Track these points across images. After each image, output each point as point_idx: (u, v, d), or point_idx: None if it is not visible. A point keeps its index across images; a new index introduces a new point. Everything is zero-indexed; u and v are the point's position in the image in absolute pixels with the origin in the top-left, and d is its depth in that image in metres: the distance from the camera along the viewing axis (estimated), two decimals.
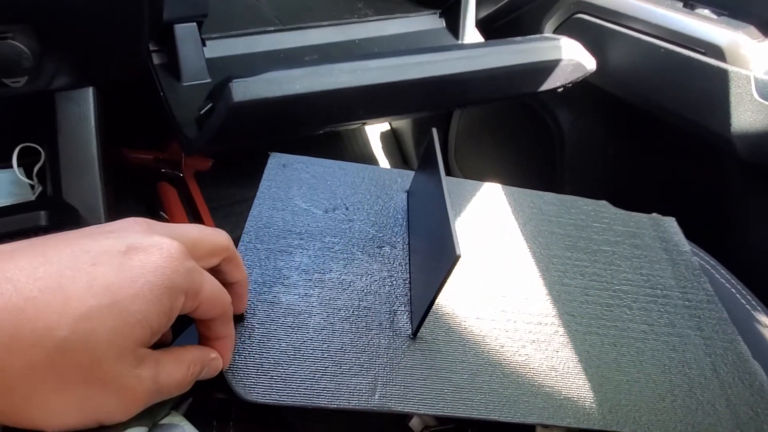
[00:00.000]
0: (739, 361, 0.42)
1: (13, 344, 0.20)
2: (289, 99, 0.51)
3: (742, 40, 0.61)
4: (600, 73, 0.71)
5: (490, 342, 0.38)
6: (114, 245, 0.23)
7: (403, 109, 0.67)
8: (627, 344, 0.40)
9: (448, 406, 0.33)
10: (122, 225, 0.25)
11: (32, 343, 0.20)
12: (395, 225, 0.44)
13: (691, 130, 0.68)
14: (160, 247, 0.23)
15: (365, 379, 0.33)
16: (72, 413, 0.22)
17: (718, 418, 0.37)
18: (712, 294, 0.47)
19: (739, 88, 0.61)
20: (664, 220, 0.53)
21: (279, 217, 0.41)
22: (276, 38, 0.69)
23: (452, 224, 0.31)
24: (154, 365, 0.24)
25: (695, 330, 0.43)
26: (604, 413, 0.35)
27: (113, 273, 0.22)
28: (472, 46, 0.67)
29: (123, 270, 0.22)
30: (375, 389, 0.33)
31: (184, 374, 0.26)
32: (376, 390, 0.33)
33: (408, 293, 0.39)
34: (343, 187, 0.45)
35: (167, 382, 0.25)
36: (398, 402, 0.32)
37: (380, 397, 0.32)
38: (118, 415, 0.23)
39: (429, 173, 0.40)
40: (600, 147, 0.85)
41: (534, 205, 0.50)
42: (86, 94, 0.60)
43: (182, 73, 0.60)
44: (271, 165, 0.45)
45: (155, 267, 0.23)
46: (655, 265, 0.48)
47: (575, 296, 0.43)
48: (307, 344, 0.34)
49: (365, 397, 0.32)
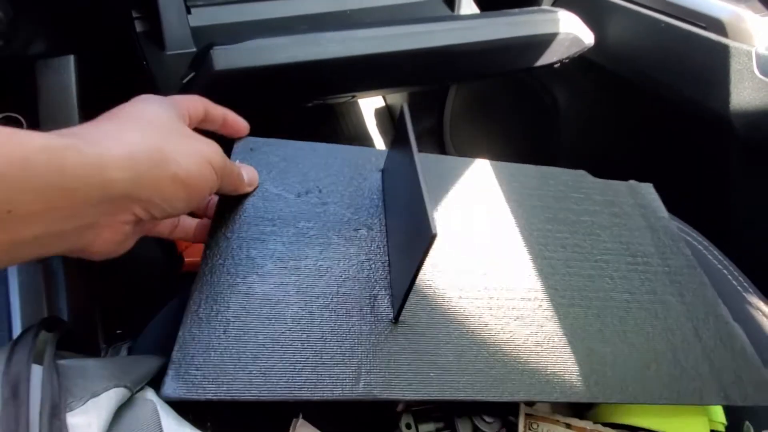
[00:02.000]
0: (720, 324, 0.42)
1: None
2: (274, 68, 0.49)
3: (744, 14, 0.59)
4: (598, 48, 0.69)
5: (473, 321, 0.37)
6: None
7: (394, 82, 0.66)
8: (610, 314, 0.40)
9: (435, 390, 0.32)
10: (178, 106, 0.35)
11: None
12: (371, 206, 0.42)
13: (689, 107, 0.66)
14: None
15: (348, 368, 0.32)
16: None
17: (702, 383, 0.37)
18: (692, 259, 0.47)
19: (739, 65, 0.59)
20: (641, 186, 0.53)
21: (249, 204, 0.40)
22: (265, 7, 0.67)
23: (426, 202, 0.30)
24: None
25: (676, 296, 0.43)
26: (590, 386, 0.35)
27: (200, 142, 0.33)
28: (466, 18, 0.65)
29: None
30: (359, 378, 0.32)
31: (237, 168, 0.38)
32: (360, 378, 0.32)
33: (388, 276, 0.38)
34: (315, 169, 0.44)
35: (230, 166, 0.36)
36: (383, 389, 0.32)
37: (365, 386, 0.32)
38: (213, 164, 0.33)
39: (402, 150, 0.38)
40: (597, 124, 0.83)
41: (514, 178, 0.49)
42: (67, 62, 0.58)
43: (166, 41, 0.58)
44: (237, 150, 0.43)
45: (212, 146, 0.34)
46: (634, 232, 0.47)
47: (557, 269, 0.42)
48: (285, 335, 0.33)
49: (349, 387, 0.31)
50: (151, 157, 0.28)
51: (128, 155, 0.27)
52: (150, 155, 0.28)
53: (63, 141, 0.24)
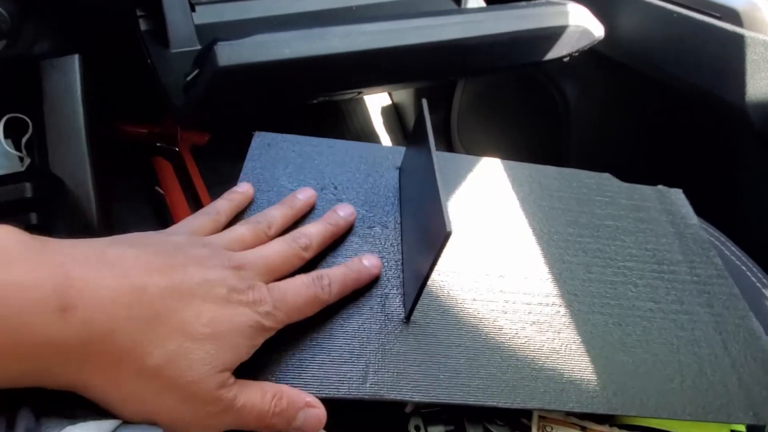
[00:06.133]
0: (751, 338, 0.40)
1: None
2: (279, 64, 0.49)
3: (760, 3, 0.58)
4: (608, 41, 0.68)
5: (487, 324, 0.36)
6: (219, 287, 0.27)
7: (400, 78, 0.65)
8: (632, 323, 0.38)
9: (444, 392, 0.31)
10: (217, 259, 0.29)
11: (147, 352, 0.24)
12: (386, 204, 0.42)
13: (704, 99, 0.65)
14: (252, 289, 0.29)
15: (356, 366, 0.31)
16: (151, 413, 0.25)
17: (729, 399, 0.35)
18: (722, 268, 0.45)
19: (755, 55, 0.57)
20: (670, 192, 0.51)
21: (264, 199, 0.40)
22: (270, 4, 0.67)
23: (442, 199, 0.29)
24: (237, 389, 0.27)
25: (705, 306, 0.41)
26: (609, 396, 0.33)
27: (217, 309, 0.27)
28: (473, 11, 0.64)
29: (225, 308, 0.27)
30: (366, 376, 0.31)
31: (264, 403, 0.28)
32: (367, 377, 0.31)
33: (400, 275, 0.37)
34: (331, 166, 0.44)
35: (246, 406, 0.27)
36: (391, 389, 0.31)
37: (372, 385, 0.31)
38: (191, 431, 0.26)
39: (420, 148, 0.37)
40: (608, 119, 0.82)
41: (533, 179, 0.48)
42: (72, 62, 0.58)
43: (170, 39, 0.58)
44: (255, 145, 0.44)
45: (249, 310, 0.28)
46: (661, 239, 0.46)
47: (577, 274, 0.41)
48: (293, 333, 0.32)
49: (356, 385, 0.31)
50: None
51: None
52: None
53: None
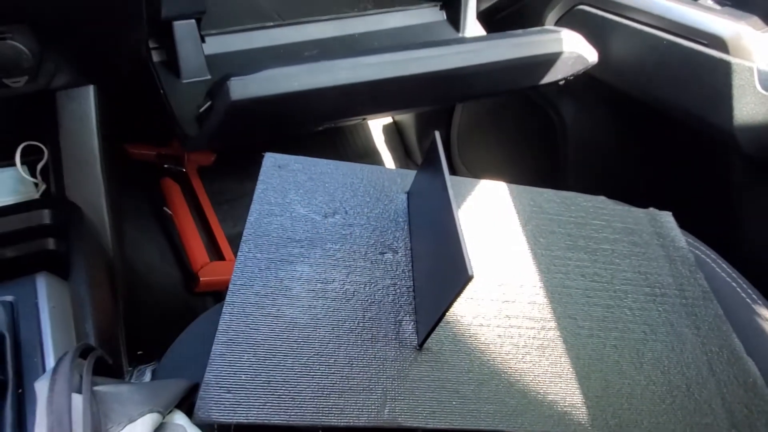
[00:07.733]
0: (734, 358, 0.42)
1: None
2: (288, 96, 0.51)
3: (744, 31, 0.60)
4: (602, 66, 0.71)
5: (495, 350, 0.37)
6: None
7: (404, 105, 0.67)
8: (628, 346, 0.40)
9: (457, 419, 0.33)
10: None
11: None
12: (396, 229, 0.43)
13: (693, 123, 0.67)
14: None
15: (374, 394, 0.33)
16: None
17: (714, 418, 0.37)
18: (708, 290, 0.47)
19: (741, 81, 0.60)
20: (660, 215, 0.53)
21: (277, 224, 0.40)
22: (275, 33, 0.69)
23: (463, 241, 0.31)
24: None
25: (692, 328, 0.43)
26: (607, 419, 0.35)
27: None
28: (473, 40, 0.67)
29: None
30: (384, 404, 0.32)
31: None
32: (385, 405, 0.32)
33: (412, 302, 0.38)
34: (341, 189, 0.44)
35: None
36: (408, 416, 0.32)
37: (389, 412, 0.32)
38: None
39: (432, 177, 0.39)
40: (602, 140, 0.84)
41: (534, 203, 0.50)
42: (87, 93, 0.60)
43: (182, 70, 0.60)
44: (266, 166, 0.44)
45: None
46: (652, 262, 0.48)
47: (577, 299, 0.43)
48: (313, 360, 0.33)
49: (375, 413, 0.32)
50: None
51: None
52: None
53: None
